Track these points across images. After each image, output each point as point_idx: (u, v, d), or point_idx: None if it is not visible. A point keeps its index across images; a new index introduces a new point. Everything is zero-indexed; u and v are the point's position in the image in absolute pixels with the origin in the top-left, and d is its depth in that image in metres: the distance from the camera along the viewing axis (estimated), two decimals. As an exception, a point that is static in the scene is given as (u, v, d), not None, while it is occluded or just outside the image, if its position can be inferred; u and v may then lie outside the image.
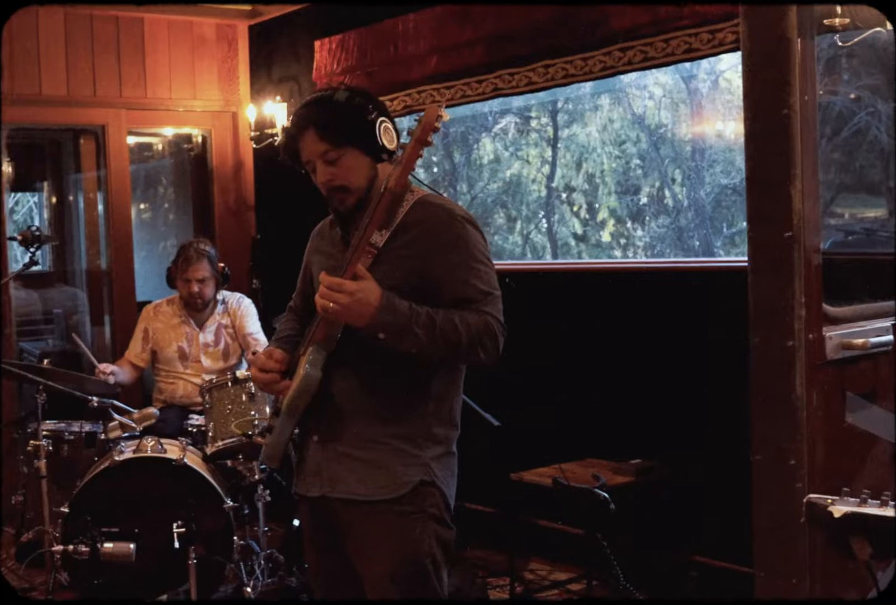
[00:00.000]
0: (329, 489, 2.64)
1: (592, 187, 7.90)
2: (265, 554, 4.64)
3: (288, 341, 2.82)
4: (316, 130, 2.56)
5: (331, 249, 2.76)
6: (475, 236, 2.62)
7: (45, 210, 8.48)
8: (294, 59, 6.38)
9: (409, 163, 2.45)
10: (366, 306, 2.42)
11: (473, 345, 2.51)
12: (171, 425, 5.02)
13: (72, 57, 6.09)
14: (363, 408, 2.62)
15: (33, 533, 4.63)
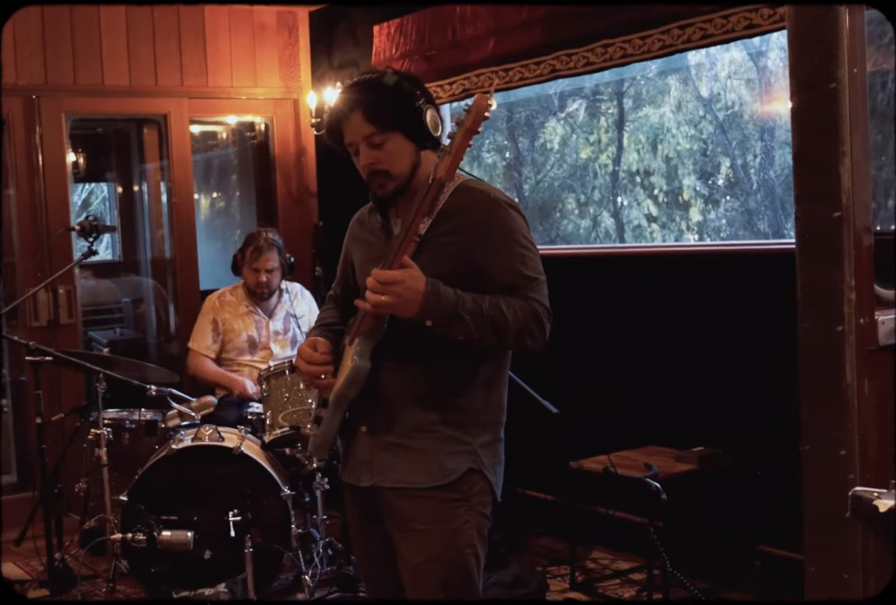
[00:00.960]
0: (380, 479, 2.63)
1: (666, 170, 7.76)
2: (324, 542, 4.63)
3: (329, 329, 2.80)
4: (363, 111, 2.52)
5: (370, 238, 2.73)
6: (518, 221, 2.59)
7: (114, 200, 8.56)
8: (353, 44, 6.34)
9: (459, 153, 2.39)
10: (413, 294, 2.39)
11: (521, 331, 2.48)
12: (232, 413, 5.04)
13: (133, 47, 6.11)
14: (411, 397, 2.59)
15: (95, 521, 4.67)
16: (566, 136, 8.17)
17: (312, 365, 2.66)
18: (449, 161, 2.39)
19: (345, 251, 2.89)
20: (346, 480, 2.76)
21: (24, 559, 5.27)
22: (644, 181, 7.89)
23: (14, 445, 6.26)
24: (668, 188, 7.71)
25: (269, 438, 4.59)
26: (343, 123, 2.57)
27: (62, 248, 5.85)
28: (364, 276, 2.66)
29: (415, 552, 2.59)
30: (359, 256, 2.79)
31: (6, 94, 5.78)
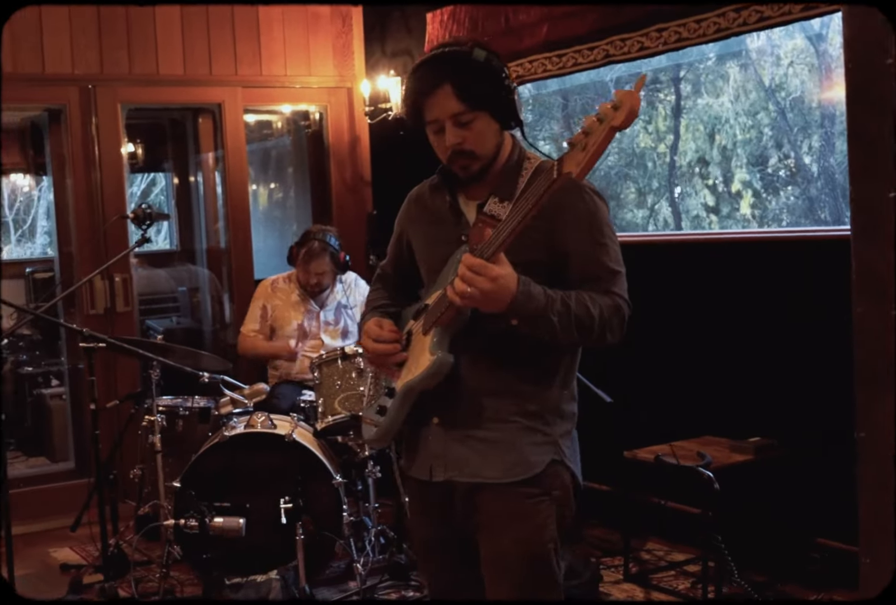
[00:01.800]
0: (455, 473, 2.52)
1: (725, 158, 7.65)
2: (376, 531, 4.62)
3: (385, 312, 2.70)
4: (453, 88, 2.38)
5: (434, 218, 2.62)
6: (603, 210, 2.49)
7: (171, 190, 8.62)
8: (406, 32, 6.32)
9: (599, 151, 2.14)
10: (505, 294, 2.28)
11: (604, 330, 2.40)
12: (285, 400, 5.04)
13: (188, 36, 6.13)
14: (489, 387, 2.50)
15: (149, 507, 4.69)
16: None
17: (381, 343, 2.57)
18: (585, 159, 2.14)
19: (399, 230, 2.78)
20: (413, 475, 2.64)
21: (80, 545, 5.33)
22: (702, 170, 7.79)
23: (72, 432, 6.33)
24: (726, 177, 7.60)
25: (321, 425, 4.58)
26: (427, 98, 2.42)
27: (118, 237, 5.89)
28: (430, 256, 2.61)
29: (495, 548, 2.50)
30: (421, 237, 2.68)
31: (63, 84, 5.85)
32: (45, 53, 5.77)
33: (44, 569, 5.06)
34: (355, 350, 4.62)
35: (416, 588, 4.43)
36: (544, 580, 2.52)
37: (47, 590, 4.67)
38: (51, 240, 10.44)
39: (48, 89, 5.85)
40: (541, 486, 2.49)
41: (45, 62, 5.77)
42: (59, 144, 6.14)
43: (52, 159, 6.33)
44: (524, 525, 2.48)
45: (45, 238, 10.66)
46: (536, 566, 2.51)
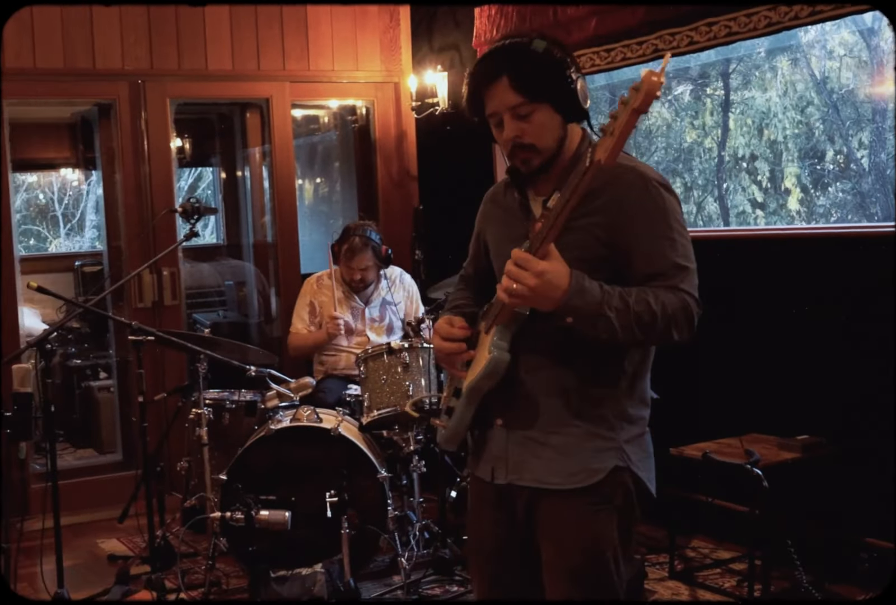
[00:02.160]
0: (516, 477, 2.49)
1: (773, 153, 7.58)
2: (420, 525, 4.63)
3: (460, 312, 2.66)
4: (510, 80, 2.33)
5: (506, 216, 2.58)
6: (671, 203, 2.39)
7: (218, 184, 8.67)
8: (454, 26, 6.31)
9: (625, 135, 2.09)
10: (553, 290, 2.22)
11: (668, 327, 2.30)
12: (331, 394, 5.06)
13: (236, 31, 6.16)
14: (552, 390, 2.44)
15: (196, 499, 4.72)
16: (671, 118, 8.03)
17: (449, 341, 2.52)
18: (612, 143, 2.10)
19: (477, 230, 2.74)
20: (477, 474, 2.62)
21: (127, 536, 5.38)
22: (749, 166, 7.72)
23: (119, 424, 6.39)
24: (774, 172, 7.54)
25: (366, 420, 4.60)
26: (485, 91, 2.38)
27: (166, 231, 5.94)
28: (500, 256, 2.56)
29: (554, 555, 2.46)
30: (494, 236, 2.65)
31: (113, 79, 5.90)
32: (96, 49, 5.82)
33: (91, 560, 5.12)
34: (401, 345, 4.62)
35: (460, 583, 4.43)
36: (601, 590, 2.46)
37: (95, 580, 4.72)
38: (99, 234, 10.55)
39: (99, 84, 5.90)
40: (602, 494, 2.42)
41: (95, 58, 5.82)
42: (108, 139, 6.20)
43: (102, 154, 6.39)
44: (583, 534, 2.43)
45: (94, 232, 10.76)
46: (593, 575, 2.44)
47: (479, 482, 2.61)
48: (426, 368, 4.63)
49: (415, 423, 4.64)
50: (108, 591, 4.48)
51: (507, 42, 2.40)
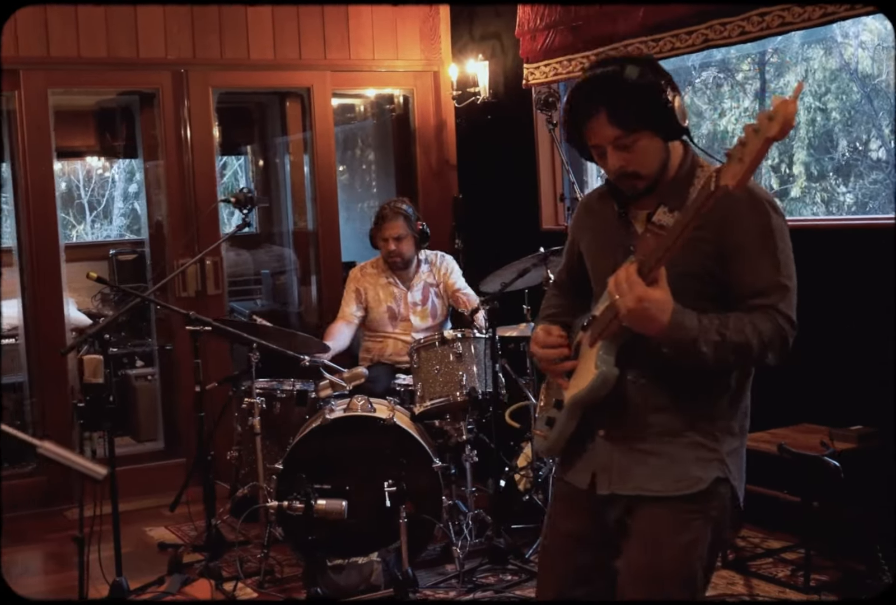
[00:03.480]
0: (619, 487, 2.50)
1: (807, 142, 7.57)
2: (472, 514, 4.64)
3: (554, 321, 2.69)
4: (608, 115, 2.36)
5: (603, 226, 2.60)
6: (778, 223, 2.41)
7: (249, 173, 8.66)
8: (495, 15, 6.30)
9: (755, 163, 2.09)
10: (650, 321, 2.28)
11: (763, 353, 2.36)
12: (380, 384, 5.07)
13: (278, 20, 6.16)
14: (656, 403, 2.47)
15: (248, 489, 4.75)
16: (704, 107, 8.02)
17: (547, 349, 2.57)
18: (741, 170, 2.10)
19: (571, 238, 2.76)
20: (568, 480, 2.64)
21: (174, 524, 5.40)
22: (781, 155, 7.71)
23: (161, 413, 6.41)
24: (811, 160, 7.52)
25: (419, 409, 4.62)
26: (585, 125, 2.42)
27: (209, 219, 5.95)
28: (597, 266, 2.60)
29: (642, 558, 2.47)
30: (590, 246, 2.66)
31: (157, 69, 5.90)
32: (140, 38, 5.83)
33: (142, 547, 5.14)
34: (454, 335, 4.64)
35: (513, 572, 4.45)
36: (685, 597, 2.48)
37: (147, 568, 4.74)
38: (127, 222, 10.58)
39: (142, 73, 5.92)
40: (700, 503, 2.44)
41: (139, 47, 5.83)
42: (150, 127, 6.21)
43: (143, 142, 6.39)
44: (674, 541, 2.44)
45: (122, 220, 10.78)
46: (678, 581, 2.47)
47: (569, 487, 2.63)
48: (479, 357, 4.65)
49: (466, 412, 4.65)
50: (162, 579, 4.50)
51: (600, 72, 2.40)
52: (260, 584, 4.42)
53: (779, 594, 4.19)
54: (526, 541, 4.70)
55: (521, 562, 4.50)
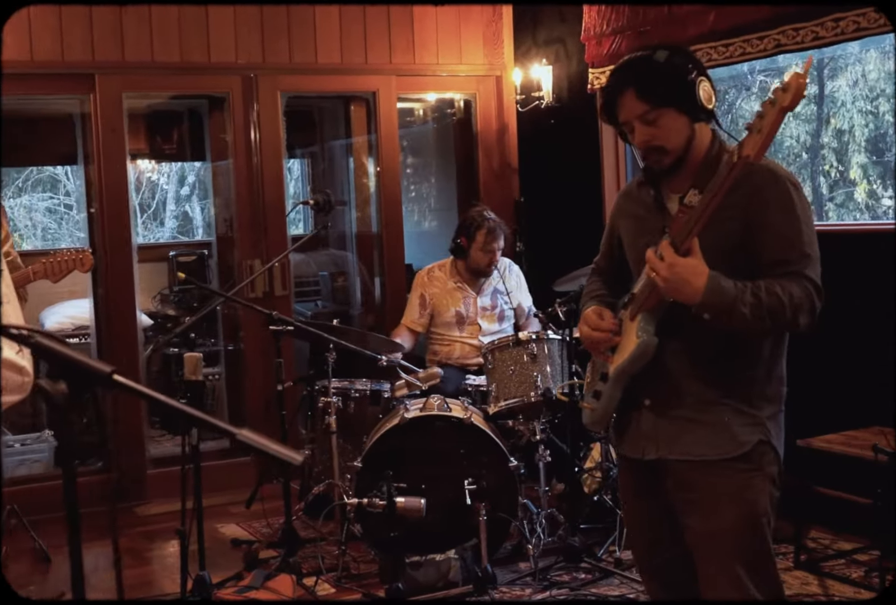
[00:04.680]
0: (666, 452, 2.68)
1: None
2: (545, 513, 4.69)
3: (603, 300, 2.88)
4: (636, 91, 2.57)
5: (641, 211, 2.79)
6: (799, 198, 2.60)
7: (307, 175, 8.74)
8: (560, 20, 6.35)
9: (772, 132, 2.33)
10: (686, 285, 2.45)
11: (795, 315, 2.51)
12: (450, 384, 5.13)
13: (345, 25, 6.24)
14: (696, 372, 2.64)
15: (324, 486, 4.81)
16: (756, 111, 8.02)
17: (598, 331, 2.74)
18: (759, 141, 2.33)
19: (610, 225, 2.95)
20: (623, 452, 2.84)
21: (245, 521, 5.48)
22: (830, 159, 7.72)
23: (227, 412, 6.49)
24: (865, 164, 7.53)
25: (493, 409, 4.68)
26: (617, 103, 2.63)
27: (276, 221, 6.04)
28: (634, 249, 2.77)
29: (710, 521, 2.62)
30: (628, 231, 2.85)
31: (227, 73, 5.99)
32: (211, 43, 5.92)
33: (215, 544, 5.19)
34: (529, 336, 4.70)
35: (587, 571, 4.50)
36: (759, 555, 2.64)
37: (223, 564, 4.81)
38: (177, 224, 10.69)
39: (213, 78, 6.02)
40: (753, 462, 2.63)
41: (210, 52, 5.93)
42: (219, 130, 6.30)
43: (211, 145, 6.48)
44: (739, 499, 2.62)
45: (174, 222, 10.89)
46: (751, 538, 2.63)
47: (628, 460, 2.83)
48: (552, 358, 4.70)
49: (540, 413, 4.71)
50: (240, 574, 4.57)
51: (633, 56, 2.67)
52: (338, 580, 4.49)
53: (854, 594, 4.23)
54: (596, 540, 4.76)
55: (594, 560, 4.55)
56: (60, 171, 10.71)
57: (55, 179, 10.92)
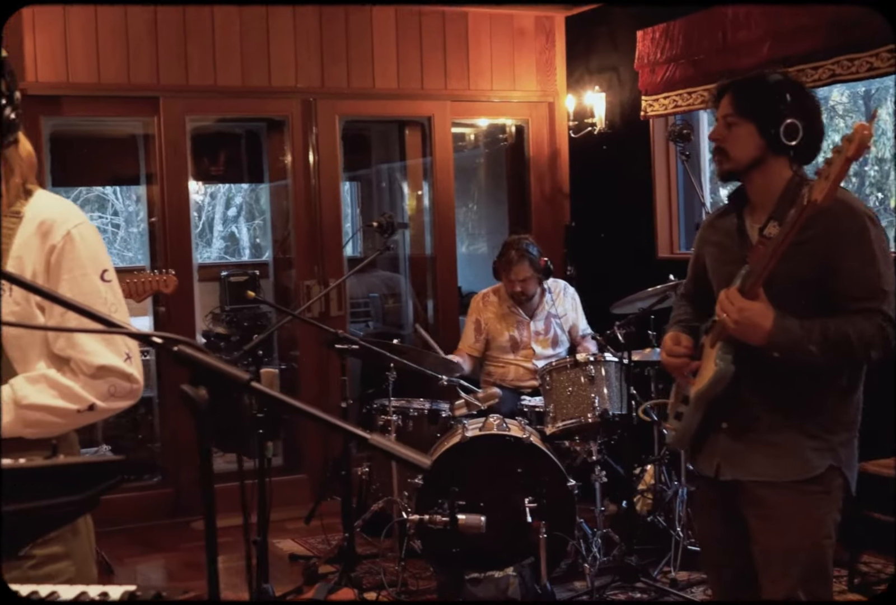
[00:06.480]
0: (741, 473, 2.78)
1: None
2: (602, 533, 4.75)
3: (686, 326, 2.97)
4: (732, 94, 2.76)
5: (723, 239, 2.88)
6: (876, 233, 2.67)
7: (357, 198, 8.86)
8: (613, 48, 6.46)
9: (838, 179, 2.41)
10: (755, 327, 2.57)
11: (866, 352, 2.62)
12: (506, 405, 5.20)
13: (402, 52, 6.38)
14: (772, 398, 2.73)
15: (382, 503, 4.89)
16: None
17: (673, 357, 2.86)
18: (827, 186, 2.41)
19: (696, 253, 3.05)
20: (699, 471, 2.94)
21: (301, 537, 5.56)
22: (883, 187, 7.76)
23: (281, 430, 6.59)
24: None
25: (550, 430, 4.75)
26: (718, 101, 2.81)
27: (333, 243, 6.15)
28: (719, 275, 2.86)
29: (776, 539, 2.72)
30: (712, 258, 2.94)
31: (287, 97, 6.13)
32: (272, 68, 6.06)
33: (273, 559, 5.28)
34: (587, 358, 4.78)
35: (642, 590, 4.56)
36: (819, 576, 2.74)
37: (282, 578, 4.90)
38: (226, 245, 10.83)
39: (273, 101, 6.15)
40: (821, 484, 2.71)
41: (271, 76, 6.06)
42: (278, 153, 6.43)
43: (269, 166, 6.61)
44: (804, 519, 2.70)
45: (221, 242, 11.04)
46: (813, 559, 2.72)
47: (703, 479, 2.93)
48: (610, 380, 4.78)
49: (597, 434, 4.78)
50: (300, 589, 4.66)
51: (761, 71, 2.86)
52: (398, 595, 4.56)
53: (909, 617, 4.26)
54: (651, 561, 4.81)
55: (650, 580, 4.60)
56: (109, 190, 10.89)
57: (103, 199, 11.09)
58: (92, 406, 2.05)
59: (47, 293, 1.53)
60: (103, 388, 2.06)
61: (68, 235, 2.06)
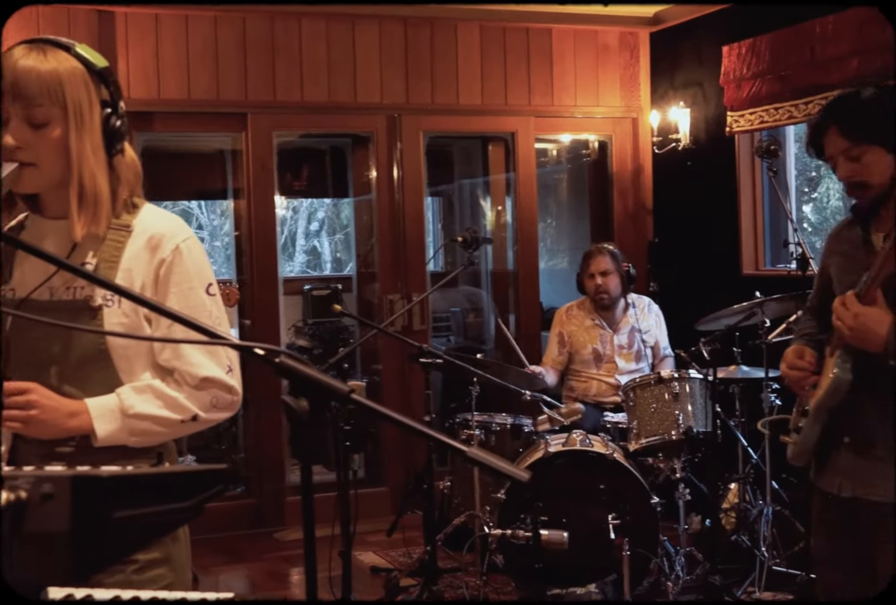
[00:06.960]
0: (863, 492, 2.68)
1: None
2: (684, 551, 4.72)
3: (811, 339, 2.91)
4: (838, 127, 2.63)
5: (849, 250, 2.80)
6: None
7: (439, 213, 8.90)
8: (698, 64, 6.43)
9: None
10: (870, 333, 2.50)
11: None
12: (588, 421, 5.18)
13: (486, 68, 6.41)
14: (890, 413, 2.63)
15: (464, 517, 4.90)
16: None
17: (794, 370, 2.80)
18: None
19: (822, 265, 2.98)
20: (821, 486, 2.83)
21: (382, 550, 5.59)
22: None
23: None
24: None
25: (634, 446, 4.73)
26: (822, 138, 2.70)
27: (416, 257, 6.19)
28: (843, 285, 2.77)
29: (891, 567, 2.61)
30: (837, 269, 2.86)
31: (372, 113, 6.20)
32: (357, 84, 6.13)
33: (354, 571, 5.30)
34: (671, 375, 4.75)
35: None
36: None
37: (363, 590, 4.93)
38: (308, 258, 10.95)
39: (359, 117, 6.22)
40: None
41: (356, 93, 6.14)
42: (363, 168, 6.50)
43: (354, 181, 6.68)
44: None
45: (303, 256, 11.16)
46: None
47: (824, 495, 2.82)
48: (694, 397, 4.75)
49: (681, 451, 4.75)
50: (382, 601, 4.68)
51: (840, 92, 2.74)
52: (478, 610, 4.57)
53: None
54: (734, 580, 4.75)
55: (733, 600, 4.56)
56: (194, 204, 11.08)
57: (188, 213, 11.28)
58: (195, 417, 2.09)
59: (155, 306, 1.56)
60: (206, 399, 2.10)
61: (177, 250, 2.10)
